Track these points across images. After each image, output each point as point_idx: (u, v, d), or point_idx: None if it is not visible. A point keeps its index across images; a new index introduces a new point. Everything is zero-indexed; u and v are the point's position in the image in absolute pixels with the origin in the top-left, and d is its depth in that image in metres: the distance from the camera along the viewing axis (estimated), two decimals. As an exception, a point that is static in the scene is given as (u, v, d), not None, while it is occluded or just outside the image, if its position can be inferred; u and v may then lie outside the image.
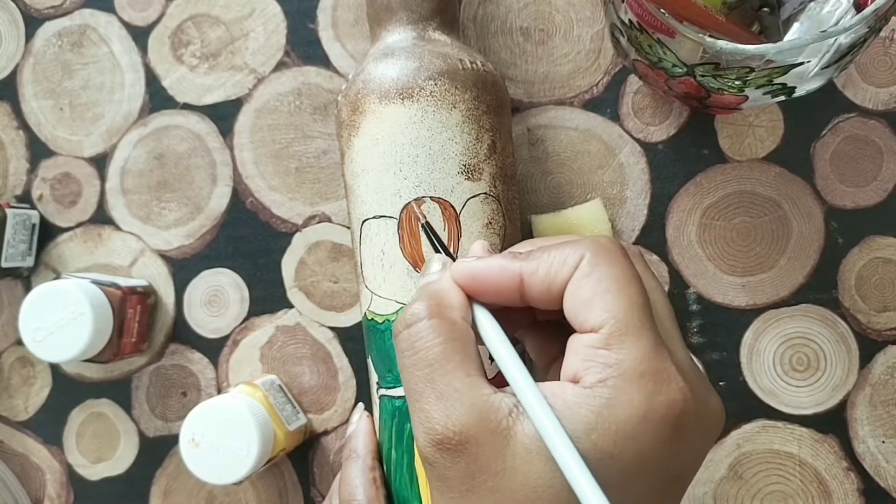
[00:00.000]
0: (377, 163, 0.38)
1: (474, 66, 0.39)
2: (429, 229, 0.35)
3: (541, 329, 0.32)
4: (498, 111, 0.39)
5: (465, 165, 0.37)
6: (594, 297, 0.26)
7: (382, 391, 0.38)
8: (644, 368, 0.25)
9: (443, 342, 0.27)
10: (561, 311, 0.28)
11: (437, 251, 0.33)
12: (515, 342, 0.29)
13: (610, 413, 0.24)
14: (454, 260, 0.31)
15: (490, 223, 0.38)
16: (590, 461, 0.24)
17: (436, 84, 0.37)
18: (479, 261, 0.29)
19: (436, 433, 0.26)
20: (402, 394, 0.37)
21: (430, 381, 0.27)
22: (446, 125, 0.37)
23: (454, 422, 0.25)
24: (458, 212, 0.37)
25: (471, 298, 0.29)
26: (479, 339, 0.29)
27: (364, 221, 0.38)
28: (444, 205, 0.37)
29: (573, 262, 0.27)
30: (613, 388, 0.25)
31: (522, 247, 0.31)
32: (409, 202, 0.37)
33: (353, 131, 0.39)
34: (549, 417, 0.24)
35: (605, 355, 0.25)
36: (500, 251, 0.37)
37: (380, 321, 0.38)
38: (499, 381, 0.27)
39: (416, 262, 0.37)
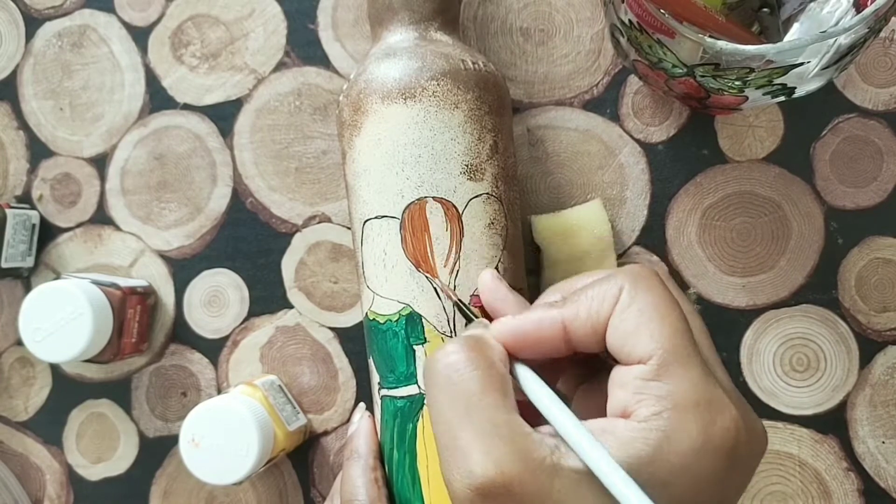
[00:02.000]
0: (379, 163, 0.38)
1: (476, 66, 0.39)
2: (462, 306, 0.34)
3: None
4: (500, 112, 0.39)
5: (467, 166, 0.37)
6: (638, 327, 0.25)
7: (384, 391, 0.38)
8: (697, 398, 0.24)
9: (481, 376, 0.26)
10: (601, 345, 0.27)
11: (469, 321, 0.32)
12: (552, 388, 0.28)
13: (668, 446, 0.24)
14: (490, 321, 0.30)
15: (492, 223, 0.38)
16: (646, 491, 0.23)
17: (438, 84, 0.37)
18: (518, 318, 0.28)
19: (476, 477, 0.24)
20: (404, 394, 0.37)
21: (467, 416, 0.25)
22: (449, 125, 0.37)
23: (496, 462, 0.24)
24: (461, 212, 0.37)
25: (511, 357, 0.28)
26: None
27: (366, 222, 0.38)
28: (447, 205, 0.37)
29: (613, 295, 0.26)
30: (669, 421, 0.24)
31: (552, 294, 0.30)
32: (414, 201, 0.37)
33: (354, 131, 0.39)
34: (608, 462, 0.24)
35: (656, 387, 0.25)
36: (503, 251, 0.37)
37: (381, 321, 0.38)
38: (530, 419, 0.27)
39: (419, 263, 0.37)
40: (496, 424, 0.25)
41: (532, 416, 0.26)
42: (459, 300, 0.36)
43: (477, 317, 0.32)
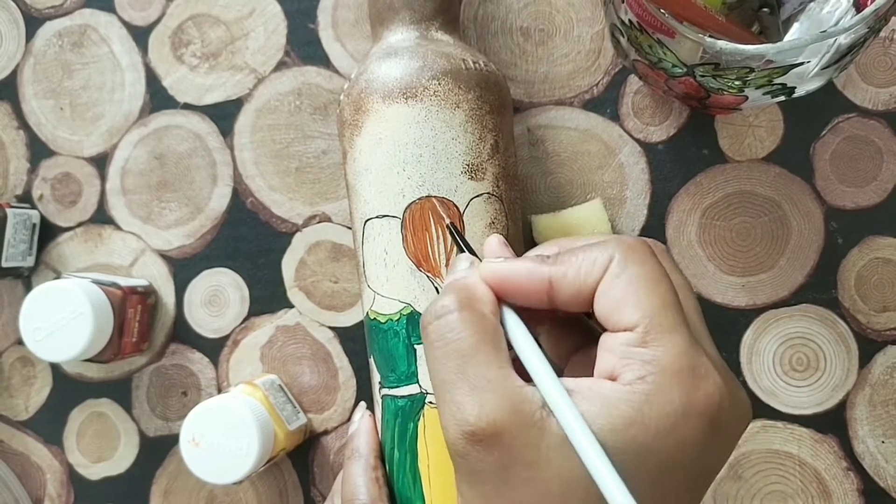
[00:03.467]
0: (380, 162, 0.38)
1: (477, 66, 0.39)
2: (453, 229, 0.34)
3: (557, 322, 0.32)
4: (500, 111, 0.39)
5: (468, 165, 0.37)
6: (626, 297, 0.26)
7: (385, 391, 0.38)
8: (681, 365, 0.25)
9: (474, 333, 0.27)
10: (583, 306, 0.28)
11: (461, 251, 0.33)
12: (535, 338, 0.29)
13: (650, 409, 0.25)
14: (480, 259, 0.31)
15: (493, 223, 0.38)
16: (628, 455, 0.24)
17: (439, 84, 0.37)
18: (508, 263, 0.29)
19: (468, 424, 0.25)
20: (405, 393, 0.37)
21: (461, 373, 0.26)
22: (450, 125, 0.37)
23: (488, 413, 0.25)
24: (462, 211, 0.37)
25: (498, 298, 0.29)
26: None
27: (367, 221, 0.38)
28: (448, 204, 0.37)
29: (602, 263, 0.27)
30: (653, 385, 0.25)
31: (547, 248, 0.30)
32: (415, 201, 0.37)
33: (355, 131, 0.39)
34: (577, 419, 0.24)
35: (642, 353, 0.25)
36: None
37: (382, 321, 0.38)
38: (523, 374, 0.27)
39: (420, 262, 0.37)
40: (489, 380, 0.26)
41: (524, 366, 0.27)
42: (451, 224, 0.35)
43: (468, 245, 0.33)
